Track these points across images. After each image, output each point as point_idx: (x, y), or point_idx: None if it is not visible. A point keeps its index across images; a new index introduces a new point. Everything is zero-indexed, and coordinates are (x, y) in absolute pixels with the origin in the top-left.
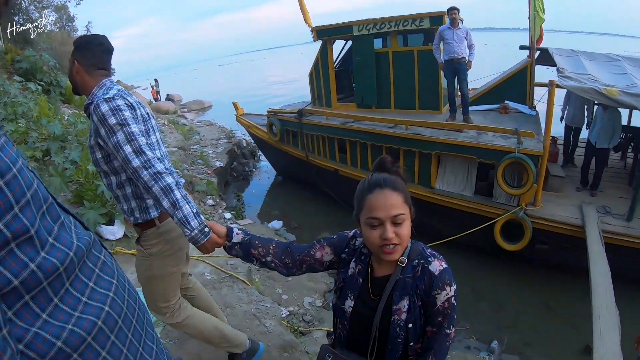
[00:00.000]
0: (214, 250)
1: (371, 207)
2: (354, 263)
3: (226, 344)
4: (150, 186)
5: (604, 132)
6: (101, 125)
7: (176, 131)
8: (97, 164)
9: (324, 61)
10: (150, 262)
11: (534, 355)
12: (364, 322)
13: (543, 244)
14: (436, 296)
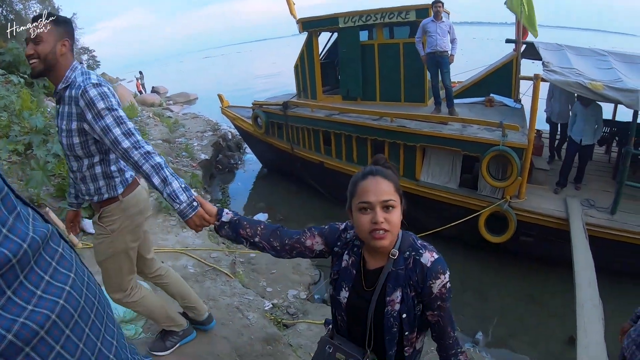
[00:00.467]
0: (202, 229)
1: (362, 192)
2: (347, 255)
3: (169, 323)
4: (140, 164)
5: (589, 129)
6: (88, 110)
7: (161, 124)
8: (72, 148)
9: (310, 53)
10: (112, 238)
11: (519, 346)
12: (359, 313)
13: (527, 236)
14: (431, 286)
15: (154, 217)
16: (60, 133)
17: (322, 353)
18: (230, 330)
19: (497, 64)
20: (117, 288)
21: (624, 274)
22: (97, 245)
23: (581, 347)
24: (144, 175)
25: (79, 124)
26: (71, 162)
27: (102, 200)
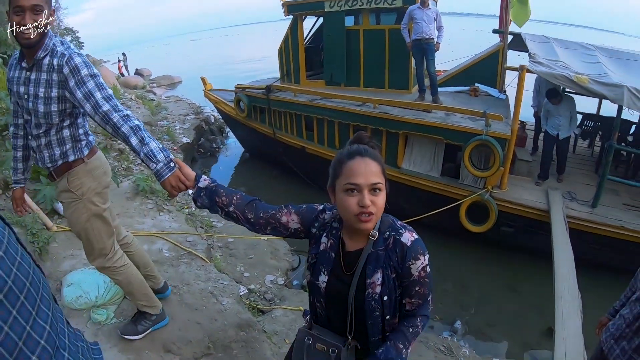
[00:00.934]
0: (177, 193)
1: (350, 173)
2: (325, 238)
3: (146, 302)
4: (119, 126)
5: (564, 123)
6: (72, 76)
7: (143, 106)
8: (49, 116)
9: (294, 37)
10: (83, 203)
11: (497, 335)
12: (339, 298)
13: (508, 227)
14: (411, 266)
15: (131, 200)
16: (36, 100)
17: (302, 345)
18: (203, 316)
19: (483, 54)
20: (99, 253)
21: (603, 267)
22: (71, 215)
23: (559, 338)
24: (122, 136)
25: (60, 92)
26: (35, 128)
27: (68, 162)
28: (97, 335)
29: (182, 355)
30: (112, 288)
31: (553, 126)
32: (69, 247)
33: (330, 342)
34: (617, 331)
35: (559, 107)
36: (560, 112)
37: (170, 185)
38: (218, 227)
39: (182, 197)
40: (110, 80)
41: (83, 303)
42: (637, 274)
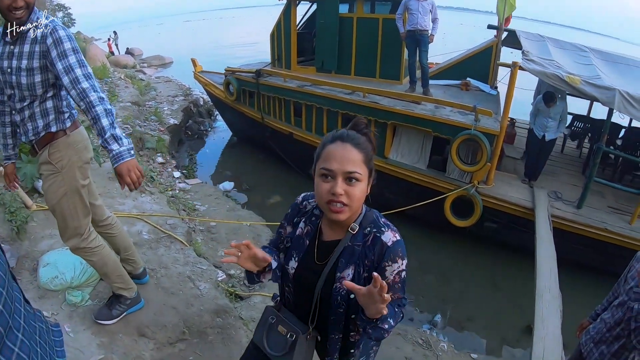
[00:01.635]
0: (129, 183)
1: (327, 157)
2: (303, 223)
3: (121, 283)
4: (94, 105)
5: (552, 125)
6: (55, 48)
7: (132, 86)
8: (32, 87)
9: (287, 22)
10: (62, 175)
11: (476, 331)
12: (307, 286)
13: (492, 223)
14: (386, 267)
15: (113, 180)
16: (19, 73)
17: (265, 322)
18: (179, 300)
19: (476, 49)
20: (74, 232)
21: (585, 268)
22: (49, 188)
23: (537, 337)
24: (94, 115)
25: (42, 62)
26: (19, 102)
27: (47, 132)
28: (71, 317)
29: (157, 340)
30: (88, 269)
31: (540, 126)
32: (48, 227)
33: (291, 327)
34: (597, 335)
35: (551, 109)
36: (550, 114)
37: (126, 169)
38: (201, 211)
39: (166, 179)
40: (99, 59)
41: (58, 284)
42: (620, 279)
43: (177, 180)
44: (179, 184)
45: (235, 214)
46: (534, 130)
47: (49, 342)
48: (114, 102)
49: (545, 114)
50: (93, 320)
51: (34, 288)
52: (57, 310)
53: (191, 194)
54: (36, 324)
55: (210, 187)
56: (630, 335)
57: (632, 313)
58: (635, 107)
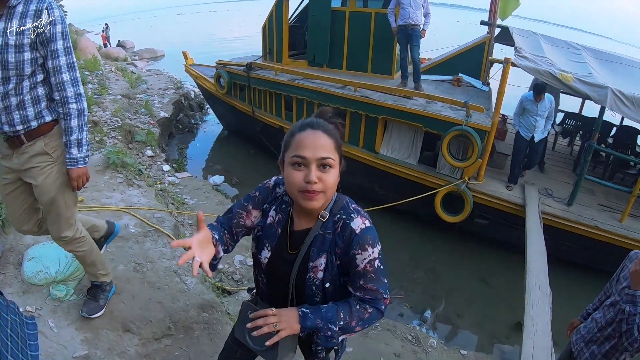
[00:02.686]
0: (79, 187)
1: (299, 145)
2: (274, 212)
3: (103, 269)
4: (69, 102)
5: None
6: (48, 27)
7: (123, 79)
8: (21, 65)
9: (279, 15)
10: (58, 166)
11: (466, 327)
12: (281, 277)
13: (482, 219)
14: (356, 256)
15: (101, 173)
16: (5, 49)
17: (244, 318)
18: (165, 295)
19: (469, 45)
20: (67, 224)
21: (575, 265)
22: (44, 181)
23: (527, 333)
24: (66, 112)
25: (33, 38)
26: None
27: (42, 124)
28: (55, 312)
29: (142, 335)
30: (73, 263)
31: (527, 126)
32: None
33: None
34: (588, 334)
35: (540, 105)
36: (538, 111)
37: (76, 175)
38: (190, 205)
39: (155, 172)
40: (90, 51)
41: (43, 278)
42: (612, 279)
43: (167, 174)
44: (168, 177)
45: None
46: (520, 131)
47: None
48: (104, 94)
49: (533, 112)
50: (85, 316)
51: (18, 282)
52: (41, 305)
53: (180, 187)
54: (8, 316)
55: (199, 181)
56: (622, 337)
57: (623, 315)
58: (627, 106)
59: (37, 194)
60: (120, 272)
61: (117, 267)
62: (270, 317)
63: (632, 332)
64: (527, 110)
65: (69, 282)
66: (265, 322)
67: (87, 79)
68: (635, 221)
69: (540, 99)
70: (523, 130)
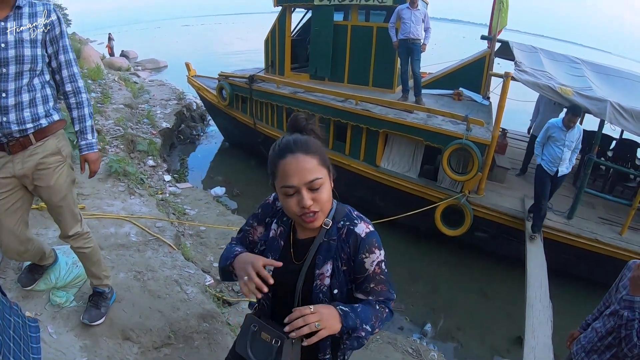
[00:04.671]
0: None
1: (284, 175)
2: (275, 224)
3: (105, 271)
4: (82, 91)
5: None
6: (58, 25)
7: (126, 88)
8: (36, 60)
9: (282, 28)
10: (67, 165)
11: (466, 340)
12: (286, 288)
13: (483, 232)
14: (364, 260)
15: (102, 181)
16: (20, 45)
17: (247, 331)
18: (165, 304)
19: (469, 59)
20: (75, 220)
21: (575, 278)
22: (57, 180)
23: (528, 347)
24: (80, 101)
25: (44, 36)
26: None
27: (52, 122)
28: (55, 318)
29: (141, 344)
30: (74, 270)
31: (552, 159)
32: (35, 226)
33: (274, 332)
34: (588, 344)
35: (569, 134)
36: (566, 141)
37: (95, 157)
38: (190, 215)
39: (156, 182)
40: (93, 60)
41: (43, 284)
42: (611, 289)
43: (168, 184)
44: (169, 187)
45: (225, 219)
46: (543, 165)
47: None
48: (107, 103)
49: (559, 142)
50: (86, 323)
51: (18, 287)
52: (40, 311)
53: (181, 197)
54: (11, 317)
55: (200, 192)
56: (621, 343)
57: (622, 320)
58: (626, 119)
59: (47, 195)
60: (121, 280)
61: (118, 275)
62: (310, 315)
63: (631, 338)
64: (553, 139)
65: (69, 289)
66: (306, 321)
67: (90, 87)
68: (635, 234)
69: (571, 126)
70: (546, 163)
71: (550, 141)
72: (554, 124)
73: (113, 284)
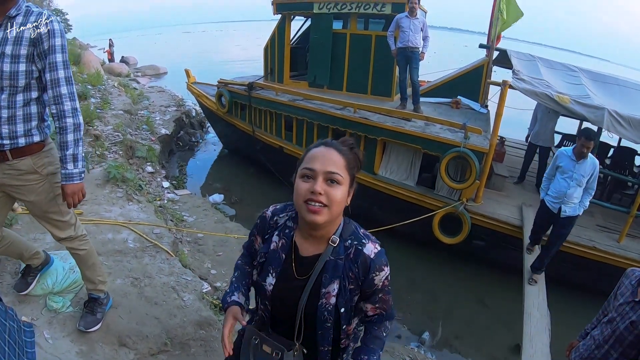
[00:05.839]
0: (72, 203)
1: (310, 159)
2: (277, 237)
3: (101, 275)
4: (66, 116)
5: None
6: (47, 40)
7: (125, 94)
8: (15, 76)
9: (281, 36)
10: (49, 182)
11: (464, 349)
12: (287, 304)
13: (480, 240)
14: (374, 278)
15: (101, 187)
16: (2, 59)
17: (247, 344)
18: (162, 311)
19: (467, 67)
20: (67, 225)
21: (573, 286)
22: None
23: (526, 355)
24: (62, 126)
25: (30, 49)
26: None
27: (31, 143)
28: (51, 323)
29: (138, 350)
30: (71, 275)
31: (557, 193)
32: (32, 230)
33: (275, 345)
34: (586, 352)
35: (579, 166)
36: (574, 174)
37: (71, 191)
38: (189, 222)
39: (155, 189)
40: (94, 66)
41: (40, 289)
42: (609, 298)
43: (166, 190)
44: (167, 194)
45: (223, 226)
46: (546, 200)
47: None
48: (106, 109)
49: (567, 174)
50: (82, 330)
51: (14, 291)
52: (37, 316)
53: (179, 204)
54: (7, 322)
55: (199, 199)
56: None
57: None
58: (623, 127)
59: (29, 206)
60: (118, 286)
61: (115, 281)
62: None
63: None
64: (560, 170)
65: (65, 294)
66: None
67: (89, 93)
68: (633, 241)
69: (584, 156)
70: (550, 198)
71: (558, 172)
72: (563, 153)
73: (110, 289)
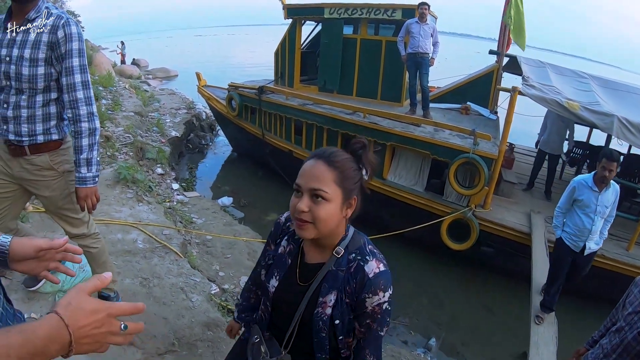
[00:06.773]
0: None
1: (300, 172)
2: (286, 242)
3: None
4: (81, 120)
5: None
6: (64, 44)
7: (136, 96)
8: (34, 79)
9: (292, 40)
10: (65, 179)
11: (471, 356)
12: (287, 307)
13: (488, 247)
14: (366, 299)
15: (111, 187)
16: (20, 62)
17: (250, 341)
18: (170, 311)
19: (477, 74)
20: (81, 222)
21: (581, 294)
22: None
23: None
24: (78, 130)
25: (48, 53)
26: (14, 96)
27: (49, 140)
28: None
29: (145, 350)
30: (81, 274)
31: (579, 231)
32: (42, 228)
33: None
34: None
35: (602, 196)
36: (597, 207)
37: (84, 194)
38: (198, 224)
39: (164, 190)
40: (105, 67)
41: (49, 286)
42: (618, 305)
43: (176, 192)
44: (177, 195)
45: (231, 229)
46: (564, 238)
47: None
48: (117, 111)
49: (589, 207)
50: None
51: (23, 289)
52: (45, 314)
53: (189, 206)
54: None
55: (208, 201)
56: None
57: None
58: (633, 134)
59: (43, 202)
60: (127, 286)
61: (124, 281)
62: None
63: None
64: (580, 205)
65: None
66: None
67: (101, 94)
68: None
69: (605, 182)
70: (568, 236)
71: (576, 206)
72: (581, 183)
73: (119, 289)
